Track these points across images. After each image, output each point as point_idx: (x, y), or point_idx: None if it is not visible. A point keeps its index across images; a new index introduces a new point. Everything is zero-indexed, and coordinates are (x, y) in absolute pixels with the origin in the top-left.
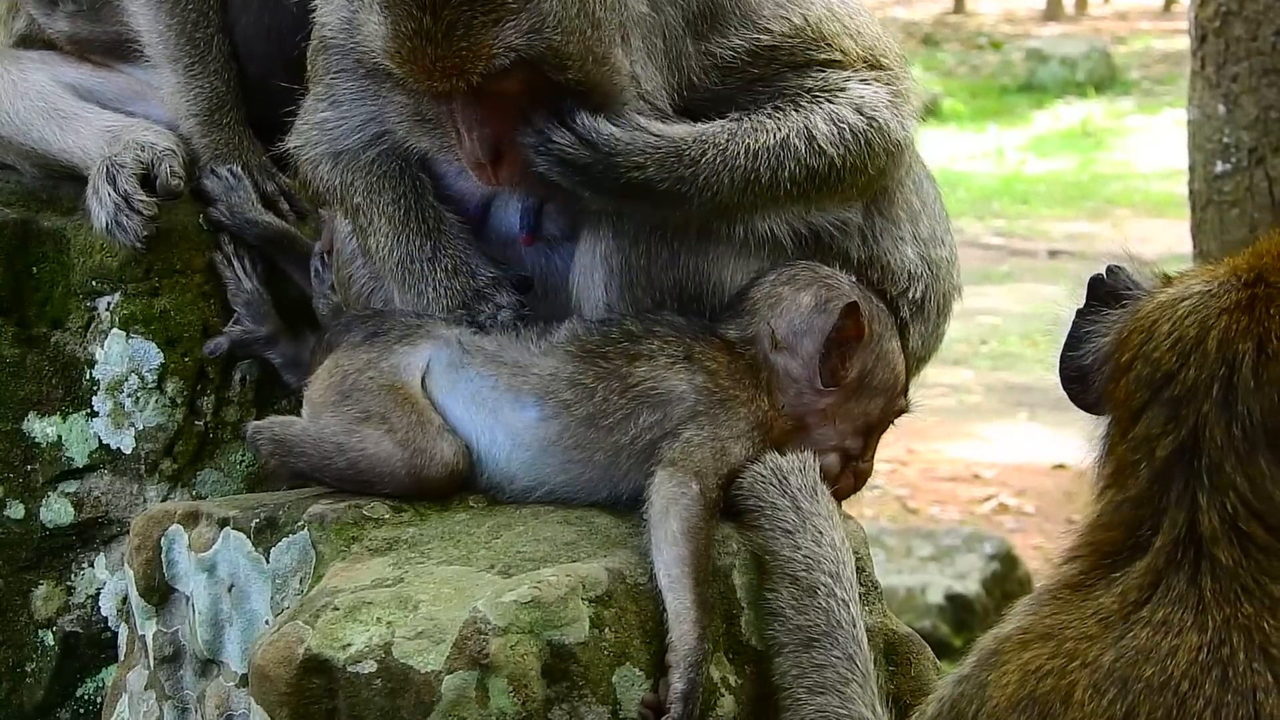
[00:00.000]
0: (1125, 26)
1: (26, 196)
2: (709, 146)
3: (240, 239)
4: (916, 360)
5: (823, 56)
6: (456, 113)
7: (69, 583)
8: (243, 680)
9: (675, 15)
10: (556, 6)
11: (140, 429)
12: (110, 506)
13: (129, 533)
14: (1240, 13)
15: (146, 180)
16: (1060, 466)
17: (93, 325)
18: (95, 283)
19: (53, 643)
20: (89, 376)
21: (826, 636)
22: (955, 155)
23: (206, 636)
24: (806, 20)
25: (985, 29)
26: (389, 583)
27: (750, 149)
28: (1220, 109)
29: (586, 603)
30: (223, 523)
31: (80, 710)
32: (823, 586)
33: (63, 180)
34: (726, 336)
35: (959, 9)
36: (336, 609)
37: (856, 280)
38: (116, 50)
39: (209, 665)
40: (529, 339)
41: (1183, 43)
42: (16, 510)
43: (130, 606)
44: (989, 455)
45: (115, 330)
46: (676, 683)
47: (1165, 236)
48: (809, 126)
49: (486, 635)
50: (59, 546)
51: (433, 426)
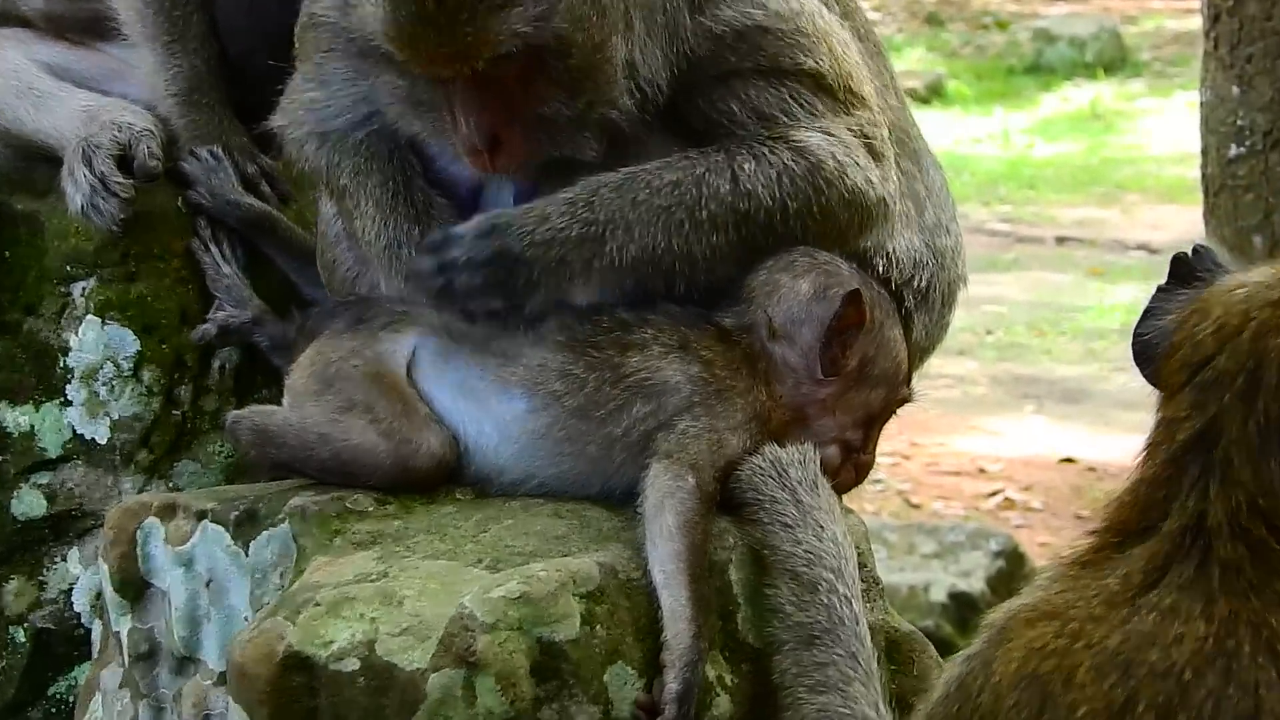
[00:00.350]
0: (1136, 6)
1: None
2: (601, 188)
3: (220, 223)
4: (920, 351)
5: (805, 64)
6: (454, 97)
7: (41, 578)
8: (221, 678)
9: None
10: None
11: (116, 419)
12: (84, 499)
13: (103, 526)
14: None
15: (124, 162)
16: (1068, 460)
17: (67, 311)
18: (70, 267)
19: (24, 639)
20: (63, 364)
21: (828, 634)
22: (960, 138)
23: (183, 633)
24: (803, 6)
25: (991, 8)
26: (373, 577)
27: (654, 185)
28: (1234, 91)
29: (578, 599)
30: (201, 515)
31: (52, 709)
32: (824, 582)
33: (37, 161)
34: (723, 325)
35: None
36: (318, 605)
37: (857, 267)
38: (93, 28)
39: (186, 663)
40: (518, 328)
41: (1195, 23)
42: None
43: (104, 602)
44: (994, 449)
45: (90, 316)
46: (671, 683)
47: (1177, 222)
48: (734, 167)
49: (474, 632)
50: (31, 540)
51: (419, 416)
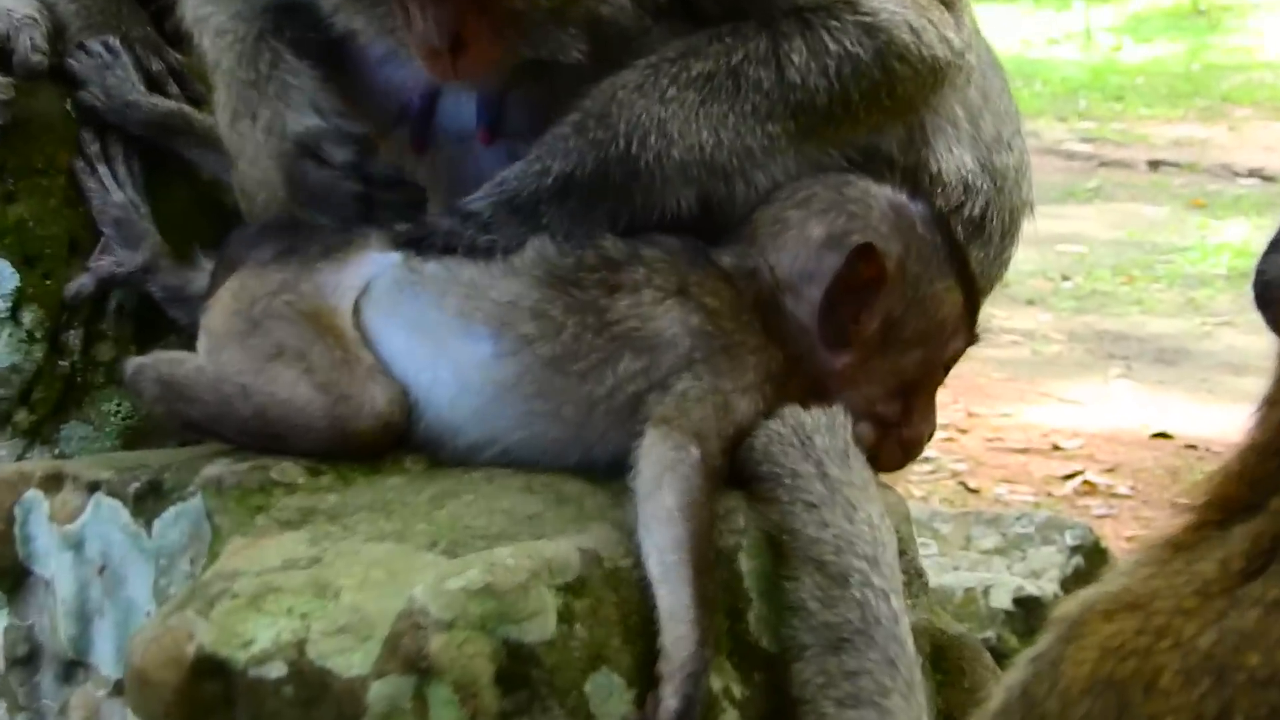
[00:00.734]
0: None
1: None
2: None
3: (113, 134)
4: (975, 298)
5: None
6: None
7: None
8: (117, 687)
9: None
10: None
11: None
12: None
13: None
14: None
15: (1, 56)
16: (1162, 436)
17: None
18: None
19: None
20: None
21: (861, 636)
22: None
23: (72, 632)
24: None
25: None
26: (303, 564)
27: (681, 79)
28: None
29: (553, 591)
30: (93, 487)
31: None
32: (856, 574)
33: None
34: (722, 265)
35: None
36: (236, 597)
37: (908, 194)
38: None
39: (74, 668)
40: (488, 258)
41: None
42: None
43: None
44: (1072, 421)
45: None
46: (669, 699)
47: None
48: (780, 54)
49: (426, 631)
50: None
51: (362, 366)
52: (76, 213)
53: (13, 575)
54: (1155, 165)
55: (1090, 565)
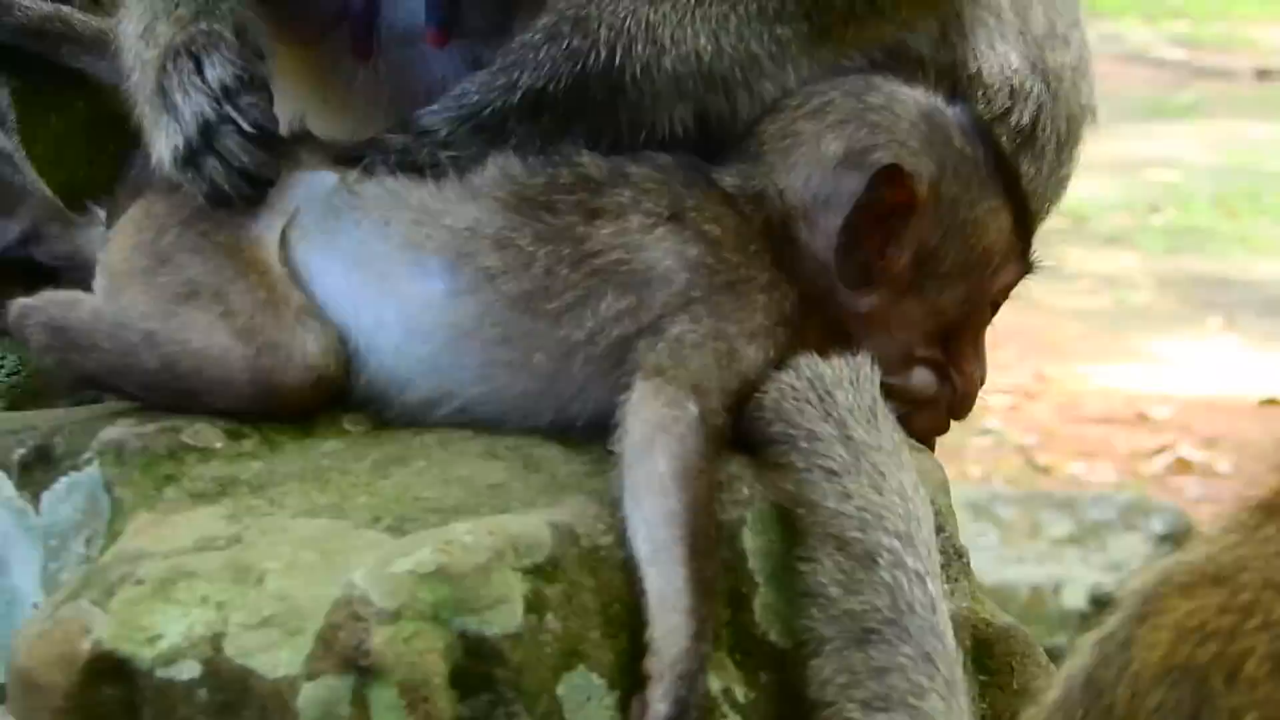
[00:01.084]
0: None
1: None
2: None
3: None
4: (1028, 222)
5: None
6: None
7: None
8: None
9: None
10: None
11: None
12: None
13: None
14: None
15: None
16: (1272, 402)
17: None
18: None
19: None
20: None
21: (892, 626)
22: None
23: None
24: None
25: None
26: (221, 544)
27: None
28: None
29: (520, 575)
30: None
31: None
32: (886, 553)
33: None
34: (723, 186)
35: None
36: (141, 583)
37: (943, 99)
38: None
39: None
40: (443, 178)
41: None
42: None
43: None
44: (1162, 384)
45: None
46: (659, 703)
47: None
48: None
49: (367, 622)
50: None
51: (290, 308)
52: None
53: None
54: (1263, 75)
55: None
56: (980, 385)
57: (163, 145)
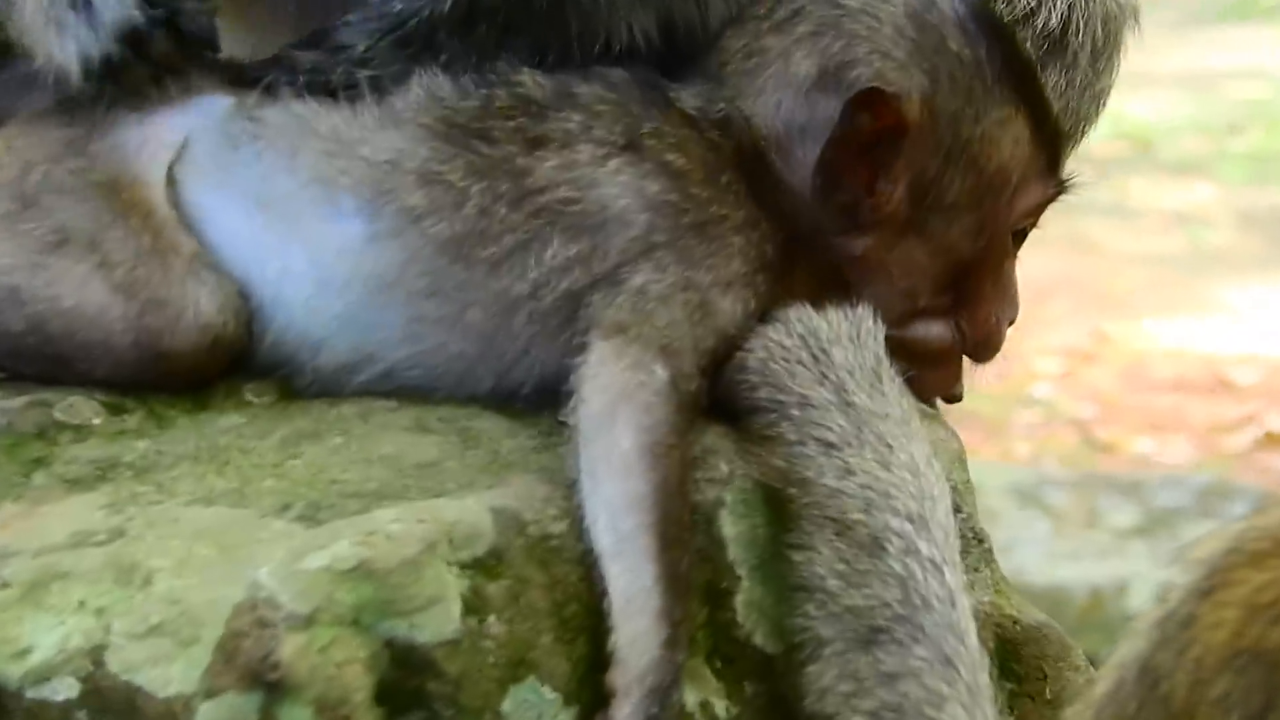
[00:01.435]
0: None
1: None
2: None
3: None
4: (1055, 136)
5: None
6: None
7: None
8: None
9: None
10: None
11: None
12: None
13: None
14: None
15: None
16: None
17: None
18: None
19: None
20: None
21: (903, 624)
22: None
23: None
24: None
25: None
26: (101, 539)
27: None
28: None
29: (456, 570)
30: None
31: None
32: (895, 539)
33: None
34: (684, 108)
35: None
36: (7, 587)
37: None
38: None
39: None
40: (359, 100)
41: None
42: None
43: None
44: (1246, 342)
45: None
46: None
47: None
48: None
49: (275, 629)
50: None
51: (179, 258)
52: None
53: None
54: None
55: None
56: (1005, 326)
57: (66, 52)
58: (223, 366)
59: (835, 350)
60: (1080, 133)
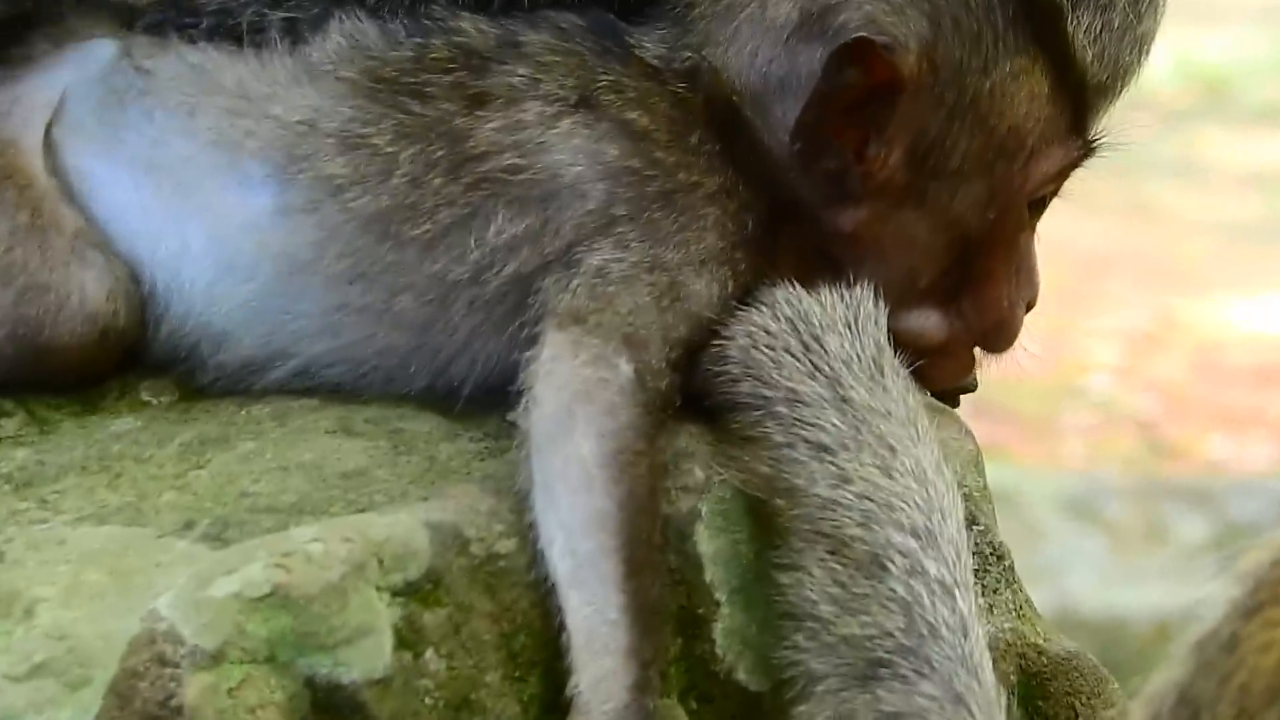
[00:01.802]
0: None
1: None
2: None
3: None
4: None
5: None
6: None
7: None
8: None
9: None
10: None
11: None
12: None
13: None
14: None
15: None
16: None
17: None
18: None
19: None
20: None
21: (908, 656)
22: None
23: None
24: None
25: None
26: None
27: None
28: None
29: (388, 597)
30: None
31: None
32: (898, 556)
33: None
34: (644, 57)
35: None
36: None
37: None
38: None
39: None
40: (270, 48)
41: None
42: None
43: None
44: None
45: None
46: None
47: None
48: None
49: (178, 667)
50: None
51: (61, 235)
52: None
53: None
54: None
55: None
56: (1022, 309)
57: None
58: (113, 361)
59: (829, 337)
60: (1119, 86)
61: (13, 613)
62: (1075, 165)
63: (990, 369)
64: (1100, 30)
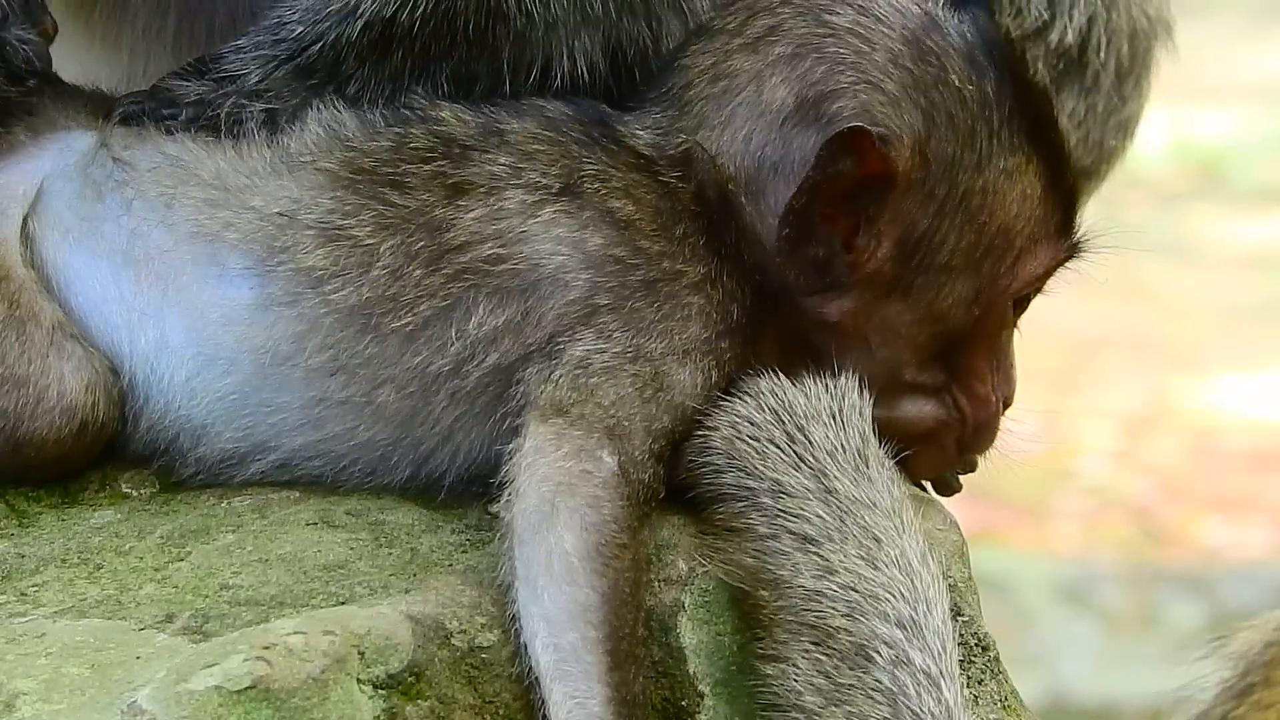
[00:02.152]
0: None
1: None
2: None
3: None
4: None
5: None
6: None
7: None
8: None
9: None
10: None
11: None
12: None
13: None
14: None
15: None
16: None
17: None
18: None
19: None
20: None
21: None
22: None
23: None
24: None
25: None
26: None
27: None
28: None
29: (370, 689)
30: None
31: None
32: (883, 648)
33: None
34: (636, 145)
35: None
36: None
37: (945, 9)
38: None
39: None
40: (249, 139)
41: None
42: None
43: None
44: None
45: None
46: None
47: None
48: None
49: None
50: None
51: (39, 328)
52: None
53: None
54: None
55: None
56: (1002, 408)
57: None
58: (93, 454)
59: (814, 428)
60: (1103, 169)
61: None
62: (1061, 265)
63: (984, 454)
64: (1084, 114)
